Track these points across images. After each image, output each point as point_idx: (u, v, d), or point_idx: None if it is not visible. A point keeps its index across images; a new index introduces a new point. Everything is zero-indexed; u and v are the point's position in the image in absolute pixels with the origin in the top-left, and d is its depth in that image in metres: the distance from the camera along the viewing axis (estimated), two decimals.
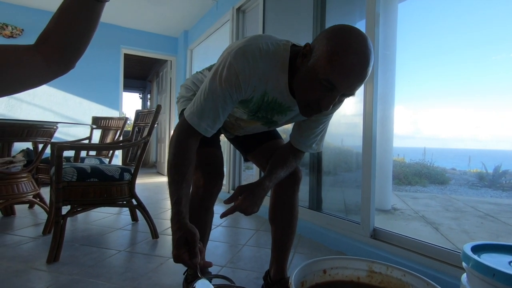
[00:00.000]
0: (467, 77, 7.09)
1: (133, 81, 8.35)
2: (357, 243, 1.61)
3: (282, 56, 0.79)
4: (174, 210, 0.77)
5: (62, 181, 1.49)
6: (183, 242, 0.72)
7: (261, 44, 0.78)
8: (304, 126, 1.00)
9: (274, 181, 0.97)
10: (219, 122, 0.84)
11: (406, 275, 0.62)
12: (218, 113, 0.82)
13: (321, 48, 0.70)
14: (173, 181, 0.80)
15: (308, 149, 1.03)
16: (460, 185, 5.16)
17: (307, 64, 0.74)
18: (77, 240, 1.77)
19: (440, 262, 1.24)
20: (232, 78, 0.77)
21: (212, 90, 0.79)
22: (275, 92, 0.84)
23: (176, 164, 0.81)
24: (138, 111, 2.15)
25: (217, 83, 0.78)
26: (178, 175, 0.80)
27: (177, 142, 0.83)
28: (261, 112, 0.92)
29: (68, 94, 4.15)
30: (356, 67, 0.67)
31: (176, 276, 1.32)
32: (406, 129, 14.72)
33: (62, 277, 1.29)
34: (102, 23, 3.65)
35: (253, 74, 0.78)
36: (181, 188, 0.79)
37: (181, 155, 0.82)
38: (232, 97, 0.80)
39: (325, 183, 2.11)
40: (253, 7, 2.95)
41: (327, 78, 0.69)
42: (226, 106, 0.82)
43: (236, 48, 0.78)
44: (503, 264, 0.68)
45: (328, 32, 0.72)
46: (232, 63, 0.76)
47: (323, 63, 0.69)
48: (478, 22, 6.60)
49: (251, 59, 0.77)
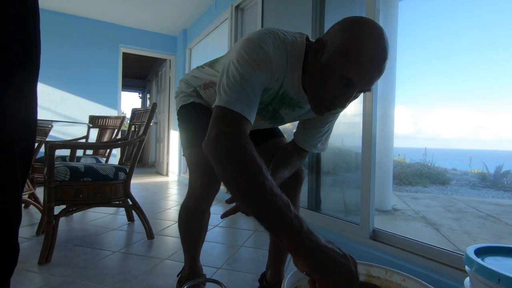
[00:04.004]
0: (469, 78, 7.01)
1: (132, 80, 8.33)
2: (356, 244, 1.58)
3: (299, 49, 0.74)
4: (297, 225, 0.53)
5: (55, 181, 1.45)
6: None
7: (279, 33, 0.73)
8: (309, 125, 0.97)
9: (277, 181, 0.93)
10: (256, 110, 0.70)
11: (406, 279, 0.59)
12: (258, 99, 0.69)
13: (336, 42, 0.65)
14: (272, 184, 0.56)
15: (313, 148, 0.99)
16: (461, 186, 5.12)
17: (320, 60, 0.69)
18: (72, 241, 1.74)
19: (442, 264, 1.21)
20: (267, 61, 0.68)
21: (249, 73, 0.67)
22: (288, 86, 0.80)
23: (260, 164, 0.58)
24: (134, 109, 2.12)
25: (252, 66, 0.67)
26: (270, 176, 0.58)
27: (245, 141, 0.61)
28: (272, 105, 0.87)
29: (66, 93, 4.12)
30: (374, 61, 0.63)
31: (170, 278, 1.28)
32: (407, 129, 14.67)
33: (53, 279, 1.26)
34: (100, 21, 3.66)
35: (280, 62, 0.72)
36: (279, 195, 0.55)
37: (259, 155, 0.60)
38: (265, 83, 0.70)
39: (325, 183, 2.07)
40: (252, 5, 2.92)
41: (343, 75, 0.64)
42: (261, 91, 0.70)
43: (258, 33, 0.71)
44: (508, 268, 0.64)
45: (342, 25, 0.67)
46: (261, 45, 0.68)
47: (339, 58, 0.64)
48: (481, 22, 6.51)
49: (276, 46, 0.71)
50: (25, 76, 0.54)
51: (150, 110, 1.80)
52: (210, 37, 3.96)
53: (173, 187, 3.98)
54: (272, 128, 1.14)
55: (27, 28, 0.51)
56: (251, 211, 0.56)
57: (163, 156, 5.30)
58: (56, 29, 3.99)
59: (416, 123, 51.59)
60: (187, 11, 4.08)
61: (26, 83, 0.55)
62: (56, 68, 4.02)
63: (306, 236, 0.52)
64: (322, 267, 0.49)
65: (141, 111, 2.04)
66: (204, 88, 1.02)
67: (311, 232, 0.53)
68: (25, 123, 0.54)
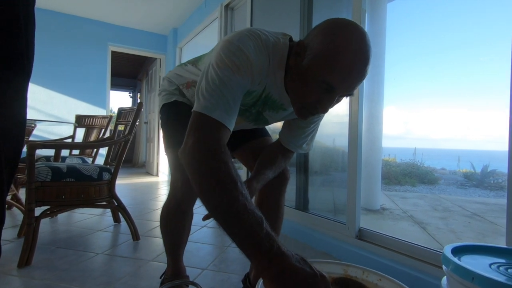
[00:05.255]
0: (458, 79, 7.17)
1: (122, 79, 8.22)
2: (342, 243, 1.58)
3: (281, 50, 0.72)
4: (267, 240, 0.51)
5: (35, 181, 1.42)
6: None
7: (262, 35, 0.71)
8: (294, 125, 0.96)
9: (262, 182, 0.92)
10: (236, 115, 0.68)
11: (382, 279, 0.59)
12: (237, 105, 0.67)
13: (317, 46, 0.64)
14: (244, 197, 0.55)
15: (298, 149, 0.99)
16: (449, 185, 5.21)
17: (301, 63, 0.67)
18: (54, 243, 1.70)
19: (424, 263, 1.22)
20: (247, 65, 0.66)
21: (228, 79, 0.65)
22: (271, 88, 0.78)
23: (234, 175, 0.56)
24: (121, 109, 2.09)
25: (231, 70, 0.65)
26: (244, 188, 0.56)
27: (219, 148, 0.59)
28: (255, 107, 0.86)
29: (53, 92, 4.03)
30: (356, 66, 0.62)
31: (154, 280, 1.26)
32: (397, 130, 14.90)
33: (32, 282, 1.23)
34: (88, 19, 3.58)
35: (262, 65, 0.70)
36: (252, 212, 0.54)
37: (232, 164, 0.59)
38: (246, 87, 0.69)
39: (313, 183, 2.08)
40: (241, 4, 2.91)
41: (324, 80, 0.63)
42: (241, 96, 0.69)
43: (238, 35, 0.69)
44: (483, 266, 0.65)
45: (323, 29, 0.66)
46: (241, 48, 0.66)
47: (320, 63, 0.63)
48: (468, 23, 6.67)
49: (257, 48, 0.69)
50: (15, 79, 0.52)
51: (136, 110, 1.77)
52: (200, 36, 3.93)
53: (163, 187, 3.94)
54: (258, 128, 1.13)
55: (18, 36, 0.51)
56: (222, 226, 0.54)
57: (153, 156, 5.25)
58: (42, 26, 3.90)
59: (407, 123, 52.22)
60: (177, 10, 4.04)
61: (16, 87, 0.54)
62: (42, 66, 3.93)
63: (274, 257, 0.49)
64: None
65: (127, 110, 2.01)
66: (187, 87, 1.00)
67: (281, 253, 0.50)
68: (13, 126, 0.52)
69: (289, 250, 0.51)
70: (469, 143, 14.35)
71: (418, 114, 11.57)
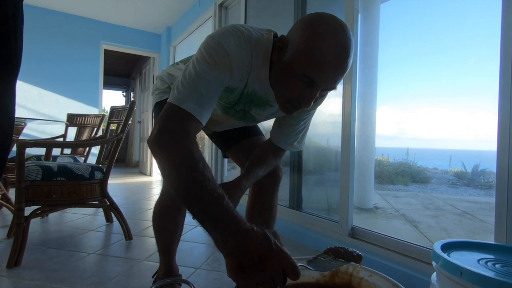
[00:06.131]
0: (451, 79, 7.28)
1: (116, 78, 8.14)
2: (335, 242, 1.59)
3: (265, 46, 0.73)
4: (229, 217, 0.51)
5: (25, 180, 1.39)
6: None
7: (244, 30, 0.71)
8: (284, 123, 0.96)
9: (251, 180, 0.92)
10: (212, 110, 0.69)
11: (372, 275, 0.59)
12: (214, 98, 0.68)
13: (297, 41, 0.65)
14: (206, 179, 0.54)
15: (289, 147, 0.98)
16: (441, 184, 5.28)
17: (283, 58, 0.68)
18: (45, 243, 1.67)
19: (416, 260, 1.23)
20: (226, 60, 0.67)
21: (206, 72, 0.66)
22: (256, 84, 0.78)
23: (198, 159, 0.56)
24: (113, 107, 2.07)
25: (209, 64, 0.66)
26: (208, 171, 0.56)
27: (183, 135, 0.60)
28: (239, 105, 0.86)
29: (44, 90, 3.97)
30: (335, 59, 0.62)
31: (146, 280, 1.26)
32: (391, 130, 15.06)
33: (22, 283, 1.21)
34: (80, 17, 3.53)
35: (242, 61, 0.70)
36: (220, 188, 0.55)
37: (196, 149, 0.59)
38: (224, 82, 0.69)
39: (307, 182, 2.09)
40: (235, 4, 2.91)
41: (306, 74, 0.63)
42: (219, 91, 0.69)
43: (221, 31, 0.70)
44: (471, 262, 0.66)
45: (303, 23, 0.66)
46: (221, 43, 0.67)
47: (300, 58, 0.63)
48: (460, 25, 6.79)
49: (238, 43, 0.69)
50: (4, 78, 0.52)
51: (129, 108, 1.75)
52: (194, 35, 3.92)
53: (156, 187, 3.91)
54: (250, 126, 1.13)
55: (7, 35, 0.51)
56: (186, 208, 0.55)
57: (146, 155, 5.21)
58: (34, 24, 3.84)
59: (400, 123, 52.59)
60: (170, 8, 4.02)
61: (5, 85, 0.53)
62: (34, 64, 3.87)
63: (231, 234, 0.49)
64: (240, 268, 0.47)
65: (120, 109, 1.99)
66: None
67: (238, 229, 0.49)
68: (1, 123, 0.52)
69: (252, 227, 0.50)
70: (460, 143, 14.58)
71: (411, 114, 11.75)
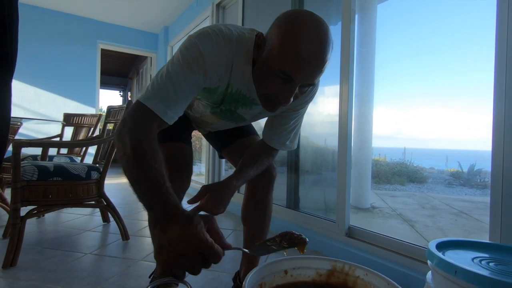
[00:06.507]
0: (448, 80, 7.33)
1: (113, 78, 8.12)
2: (332, 241, 1.60)
3: (246, 45, 0.73)
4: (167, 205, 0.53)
5: (21, 180, 1.39)
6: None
7: (224, 29, 0.72)
8: (276, 122, 0.96)
9: (242, 180, 0.91)
10: (182, 109, 0.71)
11: (368, 274, 0.60)
12: (184, 98, 0.70)
13: (273, 37, 0.65)
14: (149, 169, 0.57)
15: (281, 146, 0.98)
16: (437, 184, 5.31)
17: (262, 55, 0.69)
18: (41, 243, 1.66)
19: (412, 259, 1.24)
20: (199, 60, 0.68)
21: (177, 72, 0.68)
22: (239, 83, 0.79)
23: (147, 151, 0.59)
24: (110, 107, 2.06)
25: (182, 65, 0.68)
26: (154, 162, 0.58)
27: (138, 129, 0.62)
28: (225, 105, 0.87)
29: (40, 90, 3.95)
30: (310, 54, 0.62)
31: (142, 280, 1.25)
32: (388, 130, 15.10)
33: (17, 283, 1.21)
34: (77, 16, 3.51)
35: (218, 60, 0.71)
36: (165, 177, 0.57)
37: (149, 142, 0.61)
38: (198, 82, 0.71)
39: (304, 182, 2.09)
40: (233, 3, 2.91)
41: (281, 70, 0.64)
42: (192, 91, 0.71)
43: (198, 31, 0.72)
44: (466, 260, 0.67)
45: (279, 20, 0.67)
46: (197, 44, 0.69)
47: (276, 53, 0.64)
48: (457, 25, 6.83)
49: (215, 43, 0.70)
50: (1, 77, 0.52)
51: (126, 108, 1.75)
52: None
53: None
54: (244, 126, 1.13)
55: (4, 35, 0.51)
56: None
57: None
58: (30, 23, 3.81)
59: (398, 123, 52.75)
60: (168, 8, 4.01)
61: (1, 84, 0.53)
62: (30, 64, 3.84)
63: (159, 217, 0.51)
64: (160, 250, 0.49)
65: (117, 108, 1.99)
66: None
67: (164, 214, 0.51)
68: None
69: (182, 212, 0.51)
70: (457, 143, 14.70)
71: (408, 114, 11.82)
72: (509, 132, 0.97)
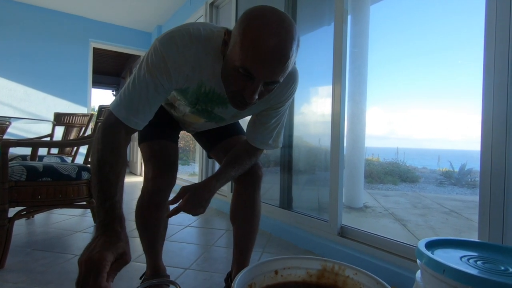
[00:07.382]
0: (440, 81, 7.42)
1: (105, 77, 8.03)
2: (325, 241, 1.60)
3: (216, 43, 0.72)
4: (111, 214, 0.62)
5: (9, 181, 1.36)
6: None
7: (192, 29, 0.72)
8: (257, 122, 0.94)
9: (222, 181, 0.90)
10: (150, 113, 0.75)
11: (357, 273, 0.60)
12: (147, 103, 0.72)
13: (235, 34, 0.65)
14: (105, 180, 0.64)
15: (264, 146, 0.96)
16: (429, 183, 5.38)
17: (226, 52, 0.69)
18: (30, 245, 1.63)
19: (403, 258, 1.25)
20: (161, 64, 0.70)
21: (140, 78, 0.71)
22: (212, 82, 0.78)
23: (108, 162, 0.67)
24: (101, 106, 2.03)
25: (145, 70, 0.71)
26: (112, 174, 0.65)
27: (105, 137, 0.70)
28: (200, 104, 0.86)
29: (30, 88, 3.88)
30: (270, 51, 0.60)
31: (133, 281, 1.24)
32: (381, 130, 15.25)
33: (5, 286, 1.18)
34: (68, 14, 3.47)
35: (183, 61, 0.71)
36: (117, 189, 0.65)
37: (112, 151, 0.69)
38: (164, 86, 0.72)
39: (297, 182, 2.09)
40: (226, 3, 2.90)
41: (242, 66, 0.62)
42: (157, 96, 0.73)
43: (163, 34, 0.72)
44: (454, 259, 0.67)
45: (242, 16, 0.66)
46: (159, 48, 0.70)
47: (237, 50, 0.63)
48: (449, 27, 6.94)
49: (180, 44, 0.70)
50: None
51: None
52: None
53: None
54: (231, 126, 1.12)
55: None
56: None
57: (136, 155, 5.15)
58: (20, 21, 3.74)
59: (391, 124, 53.20)
60: (161, 7, 3.98)
61: None
62: (20, 62, 3.78)
63: (99, 227, 0.60)
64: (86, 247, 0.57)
65: (107, 108, 1.96)
66: None
67: (98, 228, 0.60)
68: None
69: (105, 232, 0.59)
70: (449, 143, 14.89)
71: (401, 115, 11.92)
72: (498, 132, 0.99)
